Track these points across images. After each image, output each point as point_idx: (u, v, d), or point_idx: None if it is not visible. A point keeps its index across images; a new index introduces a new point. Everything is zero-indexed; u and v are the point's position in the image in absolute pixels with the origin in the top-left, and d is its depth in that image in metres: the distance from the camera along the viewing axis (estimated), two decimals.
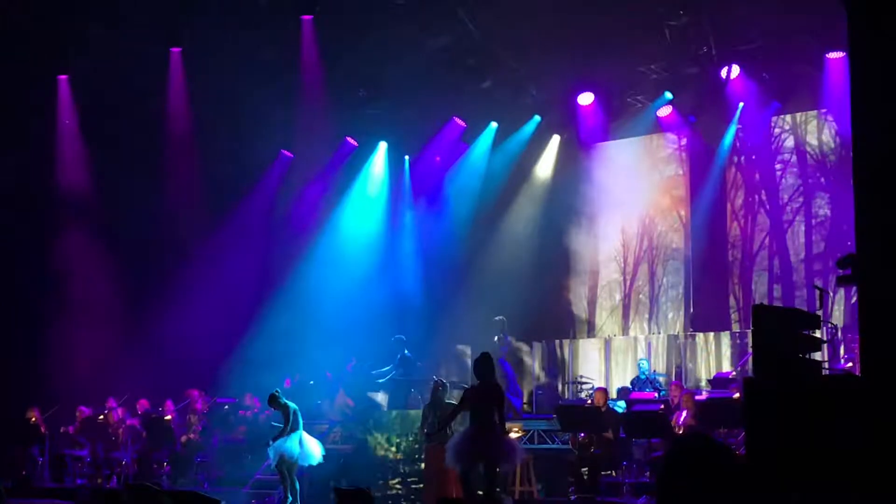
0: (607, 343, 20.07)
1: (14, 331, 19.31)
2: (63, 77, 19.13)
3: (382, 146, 21.48)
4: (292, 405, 14.56)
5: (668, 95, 19.03)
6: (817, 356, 10.56)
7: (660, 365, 19.49)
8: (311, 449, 14.56)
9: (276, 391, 14.76)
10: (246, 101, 19.14)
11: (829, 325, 13.05)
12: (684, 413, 14.55)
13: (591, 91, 19.38)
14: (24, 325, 19.44)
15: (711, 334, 19.36)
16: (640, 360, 18.87)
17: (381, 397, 17.65)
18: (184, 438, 18.13)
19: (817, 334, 10.47)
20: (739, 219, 19.46)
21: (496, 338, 18.65)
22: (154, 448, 17.88)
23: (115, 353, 19.42)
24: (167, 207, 19.96)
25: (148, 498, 8.05)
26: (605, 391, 16.06)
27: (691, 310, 19.72)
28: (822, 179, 18.75)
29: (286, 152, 21.26)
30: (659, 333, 20.01)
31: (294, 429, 14.43)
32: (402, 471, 15.92)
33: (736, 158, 19.52)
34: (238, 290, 20.27)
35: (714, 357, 19.27)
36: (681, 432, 14.31)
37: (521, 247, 19.94)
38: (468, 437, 11.80)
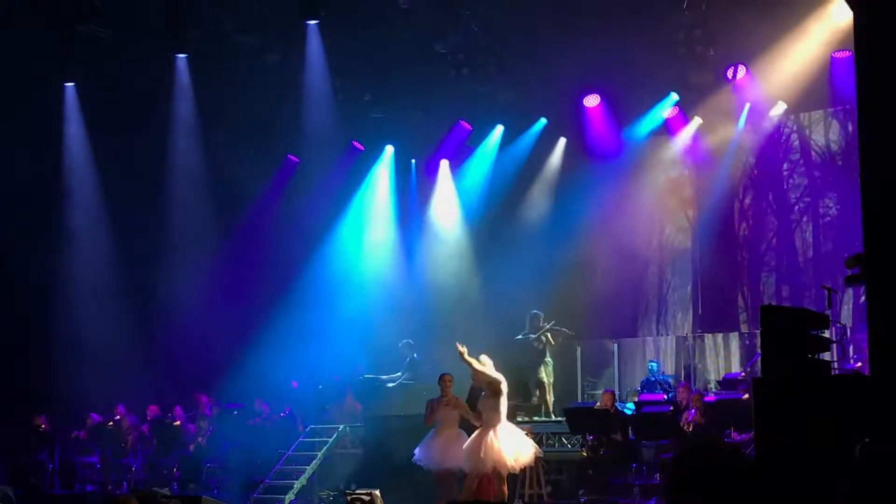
0: (616, 345, 20.03)
1: (20, 337, 19.33)
2: (69, 84, 19.16)
3: (389, 150, 21.49)
4: None
5: (675, 96, 19.02)
6: (826, 356, 10.55)
7: (668, 366, 19.47)
8: None
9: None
10: (252, 106, 19.17)
11: (838, 325, 13.04)
12: (693, 414, 14.53)
13: (597, 93, 19.38)
14: (30, 331, 19.46)
15: (720, 335, 19.34)
16: (650, 361, 18.85)
17: None
18: (197, 442, 18.14)
19: (826, 334, 10.45)
20: (747, 219, 19.45)
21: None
22: (163, 453, 17.91)
23: (124, 358, 19.45)
24: (173, 213, 19.98)
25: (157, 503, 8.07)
26: (612, 393, 16.04)
27: (699, 311, 19.69)
28: (830, 179, 18.73)
29: (292, 157, 21.28)
30: (667, 334, 19.98)
31: None
32: None
33: (743, 159, 19.51)
34: (246, 295, 20.29)
35: (723, 358, 19.25)
36: (689, 429, 14.33)
37: (528, 250, 19.90)
38: (471, 443, 11.90)
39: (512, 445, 11.86)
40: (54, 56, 17.75)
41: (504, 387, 12.24)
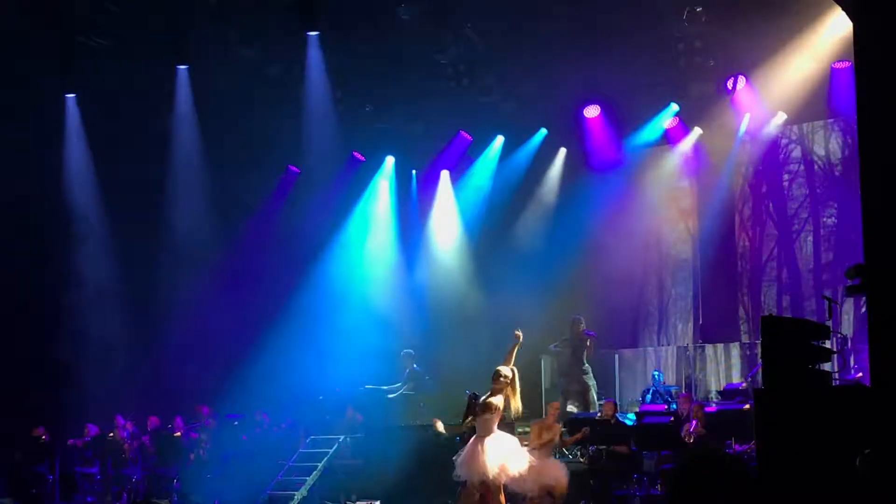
0: (617, 355, 20.02)
1: (20, 349, 19.32)
2: (70, 95, 19.19)
3: (389, 160, 21.51)
4: None
5: (675, 107, 19.05)
6: (827, 366, 10.54)
7: (669, 377, 19.46)
8: None
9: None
10: (253, 117, 19.19)
11: (839, 336, 13.05)
12: (694, 425, 14.52)
13: (597, 104, 19.40)
14: (30, 342, 19.45)
15: (721, 345, 19.33)
16: (654, 371, 18.84)
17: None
18: (198, 453, 18.11)
19: (827, 345, 10.45)
20: (747, 229, 19.44)
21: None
22: (163, 465, 17.87)
23: (125, 369, 19.44)
24: (174, 224, 19.98)
25: None
26: (614, 403, 16.03)
27: (700, 321, 19.69)
28: (830, 189, 18.74)
29: (293, 167, 21.29)
30: (668, 345, 19.97)
31: None
32: None
33: (743, 169, 19.52)
34: (246, 306, 20.28)
35: (724, 368, 19.24)
36: (690, 441, 14.31)
37: (528, 259, 19.91)
38: (465, 452, 11.97)
39: (499, 457, 11.92)
40: (55, 67, 17.77)
41: (500, 411, 12.22)
